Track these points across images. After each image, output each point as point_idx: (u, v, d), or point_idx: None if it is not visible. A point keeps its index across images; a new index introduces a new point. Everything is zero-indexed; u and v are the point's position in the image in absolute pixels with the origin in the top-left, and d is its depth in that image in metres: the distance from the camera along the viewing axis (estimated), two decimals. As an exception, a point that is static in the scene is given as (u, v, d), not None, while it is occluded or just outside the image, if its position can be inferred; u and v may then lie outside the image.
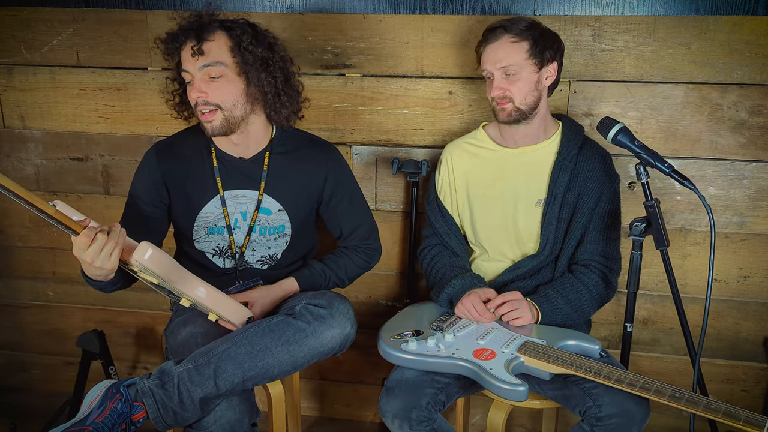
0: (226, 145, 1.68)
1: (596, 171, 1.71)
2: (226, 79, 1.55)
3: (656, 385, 1.33)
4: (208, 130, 1.58)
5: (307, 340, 1.47)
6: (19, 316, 2.42)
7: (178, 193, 1.68)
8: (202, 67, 1.53)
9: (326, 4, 1.94)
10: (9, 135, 2.21)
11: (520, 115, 1.65)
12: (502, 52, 1.61)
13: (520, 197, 1.74)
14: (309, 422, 2.34)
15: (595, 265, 1.71)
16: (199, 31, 1.53)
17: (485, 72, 1.67)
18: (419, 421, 1.43)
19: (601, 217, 1.71)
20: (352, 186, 1.82)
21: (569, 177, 1.69)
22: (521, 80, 1.62)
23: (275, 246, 1.73)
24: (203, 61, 1.53)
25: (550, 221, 1.70)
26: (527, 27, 1.62)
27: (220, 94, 1.55)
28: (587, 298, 1.68)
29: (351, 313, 1.56)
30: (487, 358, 1.47)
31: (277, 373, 1.47)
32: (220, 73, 1.54)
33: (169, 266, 1.41)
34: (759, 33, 1.77)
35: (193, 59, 1.53)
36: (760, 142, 1.86)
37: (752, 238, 1.93)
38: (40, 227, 2.29)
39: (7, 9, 2.06)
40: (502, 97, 1.63)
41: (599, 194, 1.70)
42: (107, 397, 1.38)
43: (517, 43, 1.61)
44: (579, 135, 1.74)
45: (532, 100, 1.64)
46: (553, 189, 1.70)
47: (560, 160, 1.70)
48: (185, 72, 1.56)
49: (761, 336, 2.01)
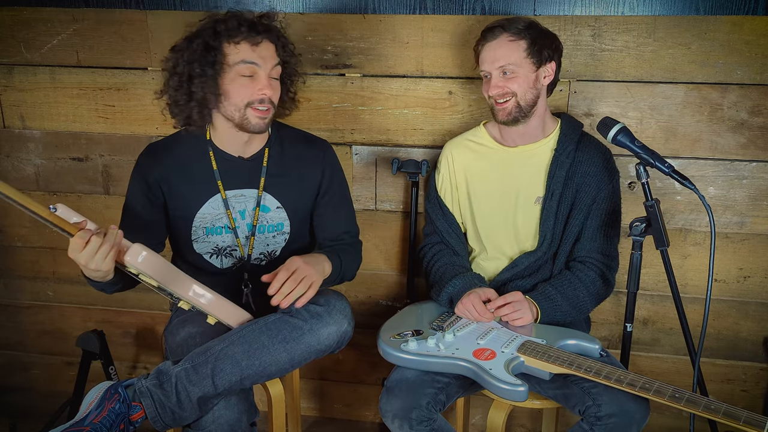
0: (227, 144, 1.67)
1: (594, 166, 1.71)
2: (278, 82, 1.62)
3: (656, 385, 1.33)
4: (259, 126, 1.59)
5: (304, 337, 1.47)
6: (19, 316, 2.42)
7: (174, 195, 1.68)
8: (274, 66, 1.58)
9: (326, 4, 1.94)
10: (9, 135, 2.21)
11: (519, 113, 1.65)
12: (500, 51, 1.62)
13: (520, 195, 1.74)
14: (309, 422, 2.34)
15: (593, 262, 1.71)
16: (277, 34, 1.60)
17: (483, 71, 1.68)
18: (419, 421, 1.42)
19: (599, 213, 1.71)
20: (344, 184, 1.83)
21: (566, 173, 1.70)
22: (519, 77, 1.63)
23: (274, 243, 1.73)
24: (274, 61, 1.57)
25: (548, 217, 1.71)
26: (525, 26, 1.62)
27: (276, 95, 1.61)
28: (585, 295, 1.68)
29: (348, 311, 1.55)
30: (487, 358, 1.47)
31: (274, 372, 1.47)
32: (277, 74, 1.60)
33: (164, 268, 1.41)
34: (759, 33, 1.77)
35: (272, 58, 1.57)
36: (760, 142, 1.86)
37: (752, 238, 1.93)
38: (40, 227, 2.29)
39: (7, 9, 2.06)
40: (501, 95, 1.64)
41: (597, 190, 1.70)
42: (105, 398, 1.38)
43: (514, 42, 1.61)
44: (577, 131, 1.74)
45: (530, 98, 1.65)
46: (551, 185, 1.70)
47: (557, 156, 1.71)
48: (251, 64, 1.55)
49: (761, 336, 2.01)
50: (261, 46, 1.56)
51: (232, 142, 1.66)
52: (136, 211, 1.68)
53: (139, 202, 1.68)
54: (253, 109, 1.56)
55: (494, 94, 1.64)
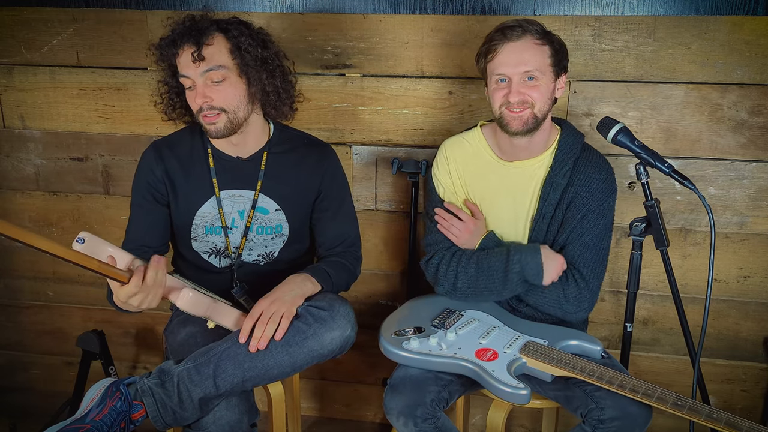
0: (224, 145, 1.67)
1: (589, 188, 1.59)
2: (229, 82, 1.54)
3: (659, 392, 1.33)
4: (211, 132, 1.57)
5: (307, 341, 1.46)
6: (19, 316, 2.42)
7: (177, 191, 1.68)
8: (204, 72, 1.52)
9: (326, 4, 1.94)
10: (9, 135, 2.21)
11: (535, 124, 1.53)
12: (527, 54, 1.48)
13: (512, 212, 1.67)
14: (309, 422, 2.34)
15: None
16: (198, 35, 1.51)
17: (500, 75, 1.51)
18: (424, 418, 1.42)
19: (588, 227, 1.59)
20: (345, 190, 1.79)
21: (560, 195, 1.60)
22: (541, 86, 1.50)
23: (272, 245, 1.73)
24: (205, 66, 1.51)
25: (536, 238, 1.65)
26: (545, 31, 1.52)
27: (224, 98, 1.54)
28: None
29: (352, 316, 1.55)
30: (490, 359, 1.47)
31: (276, 374, 1.46)
32: (223, 76, 1.53)
33: (205, 305, 1.48)
34: (759, 33, 1.78)
35: (195, 65, 1.51)
36: (760, 142, 1.86)
37: (752, 238, 1.93)
38: (40, 227, 2.29)
39: (7, 9, 2.06)
40: (521, 102, 1.49)
41: (588, 206, 1.59)
42: (107, 396, 1.38)
43: (540, 46, 1.49)
44: (576, 145, 1.63)
45: (546, 110, 1.54)
46: (542, 207, 1.62)
47: (552, 177, 1.60)
48: (185, 77, 1.54)
49: (761, 336, 2.01)
50: (183, 55, 1.53)
51: (226, 142, 1.66)
52: (145, 210, 1.68)
53: (147, 199, 1.67)
54: (203, 117, 1.56)
55: (515, 101, 1.49)
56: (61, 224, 2.27)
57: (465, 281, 1.64)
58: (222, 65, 1.53)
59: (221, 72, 1.53)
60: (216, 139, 1.61)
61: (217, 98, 1.53)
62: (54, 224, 2.28)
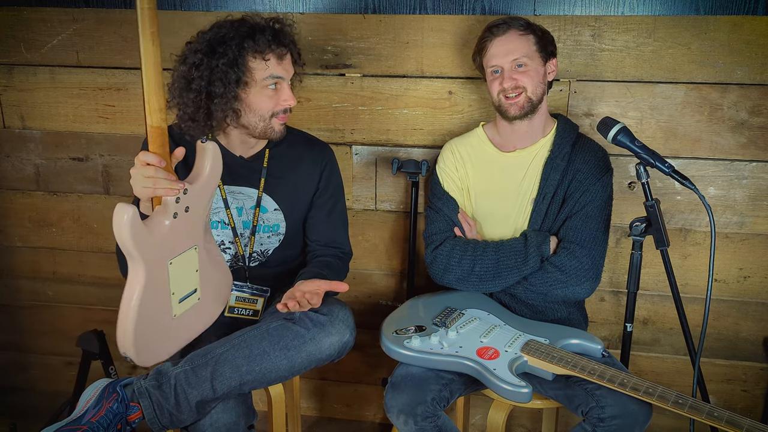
0: (234, 146, 1.68)
1: (587, 164, 1.70)
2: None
3: (660, 390, 1.34)
4: (281, 133, 1.63)
5: (305, 346, 1.46)
6: (19, 316, 2.42)
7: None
8: (294, 75, 1.62)
9: (326, 4, 1.94)
10: (9, 135, 2.21)
11: (530, 107, 1.66)
12: (512, 44, 1.64)
13: (517, 196, 1.74)
14: (309, 422, 2.34)
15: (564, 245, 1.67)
16: (294, 41, 1.62)
17: (493, 67, 1.67)
18: (424, 417, 1.42)
19: (586, 204, 1.67)
20: (340, 191, 1.82)
21: (560, 175, 1.70)
22: (531, 71, 1.64)
23: (268, 243, 1.73)
24: (293, 70, 1.61)
25: (536, 220, 1.71)
26: (528, 23, 1.67)
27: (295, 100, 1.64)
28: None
29: (351, 321, 1.55)
30: (491, 357, 1.47)
31: (274, 378, 1.46)
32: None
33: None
34: (759, 33, 1.78)
35: (292, 67, 1.61)
36: (760, 142, 1.86)
37: (752, 238, 1.94)
38: (40, 227, 2.29)
39: (7, 9, 2.06)
40: (514, 87, 1.64)
41: (587, 185, 1.68)
42: (103, 397, 1.37)
43: (524, 36, 1.65)
44: (573, 133, 1.74)
45: (539, 93, 1.67)
46: (543, 188, 1.71)
47: (552, 158, 1.71)
48: (279, 78, 1.56)
49: (761, 336, 2.01)
50: (285, 58, 1.58)
51: (240, 144, 1.67)
52: None
53: None
54: (278, 118, 1.59)
55: (508, 87, 1.64)
56: (61, 224, 2.27)
57: (484, 266, 1.69)
58: (296, 72, 1.66)
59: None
60: (278, 139, 1.64)
61: (295, 101, 1.62)
62: (54, 224, 2.28)
